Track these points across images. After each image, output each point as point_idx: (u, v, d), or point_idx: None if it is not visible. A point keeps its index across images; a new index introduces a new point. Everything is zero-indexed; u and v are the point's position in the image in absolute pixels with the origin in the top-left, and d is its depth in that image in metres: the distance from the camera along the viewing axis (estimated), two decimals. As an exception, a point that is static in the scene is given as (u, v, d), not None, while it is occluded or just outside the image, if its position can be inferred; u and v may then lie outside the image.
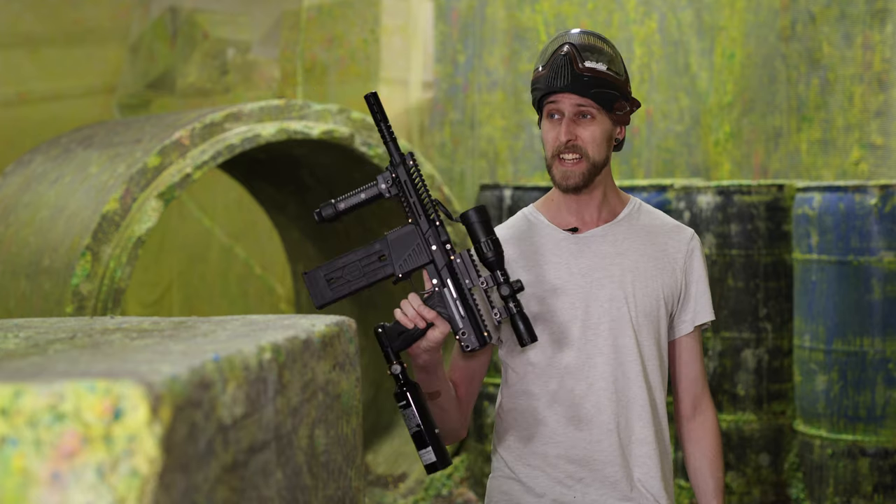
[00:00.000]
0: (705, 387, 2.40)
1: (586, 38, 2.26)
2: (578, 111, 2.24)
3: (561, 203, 2.35)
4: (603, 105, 2.24)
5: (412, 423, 2.10)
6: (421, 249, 2.12)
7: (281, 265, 7.95)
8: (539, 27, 6.76)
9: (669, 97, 6.29)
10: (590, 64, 2.22)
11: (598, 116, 2.25)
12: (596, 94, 2.23)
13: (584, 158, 2.25)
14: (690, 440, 2.39)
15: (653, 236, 2.35)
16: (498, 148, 6.95)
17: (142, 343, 1.54)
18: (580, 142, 2.24)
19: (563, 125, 2.24)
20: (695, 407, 2.39)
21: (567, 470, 2.28)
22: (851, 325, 4.58)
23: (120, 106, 8.91)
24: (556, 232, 2.33)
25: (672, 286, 2.33)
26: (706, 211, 4.95)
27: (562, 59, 2.23)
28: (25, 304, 4.93)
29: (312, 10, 8.03)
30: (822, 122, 5.63)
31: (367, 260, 2.12)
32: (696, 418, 2.39)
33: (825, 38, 5.59)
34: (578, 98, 2.23)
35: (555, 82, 2.23)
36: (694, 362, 2.39)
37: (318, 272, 2.10)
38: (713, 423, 2.38)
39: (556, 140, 2.25)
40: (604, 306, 2.29)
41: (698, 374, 2.39)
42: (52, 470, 1.14)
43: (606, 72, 2.24)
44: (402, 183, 2.10)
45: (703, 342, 2.45)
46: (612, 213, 2.35)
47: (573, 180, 2.26)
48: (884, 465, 4.53)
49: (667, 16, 6.29)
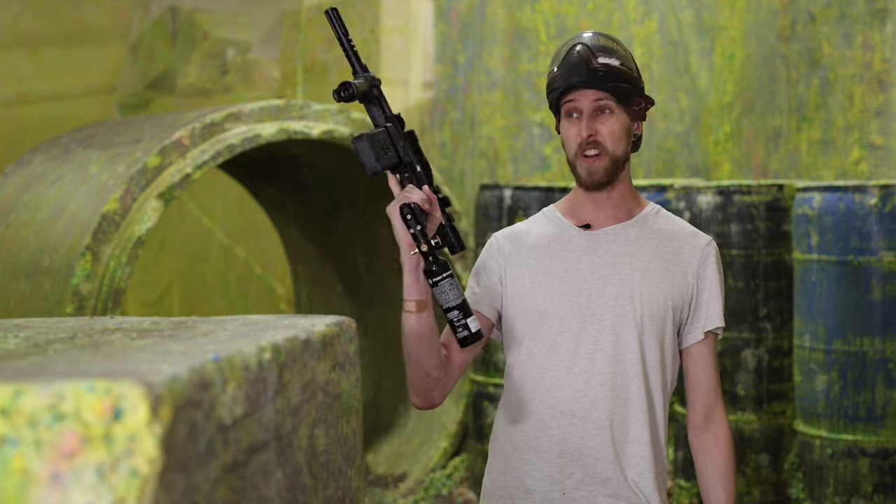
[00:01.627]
0: (719, 397, 2.38)
1: (598, 39, 2.30)
2: (597, 106, 2.27)
3: (578, 202, 2.37)
4: (620, 99, 2.27)
5: (456, 292, 2.10)
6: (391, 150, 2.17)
7: (281, 265, 7.95)
8: (539, 27, 6.76)
9: (669, 97, 6.29)
10: (603, 60, 2.26)
11: (616, 111, 2.28)
12: (613, 87, 2.26)
13: (604, 154, 2.28)
14: (702, 451, 2.37)
15: (667, 240, 2.35)
16: (498, 148, 6.95)
17: (142, 343, 1.54)
18: (600, 137, 2.27)
19: (584, 121, 2.27)
20: (707, 417, 2.37)
21: (558, 464, 2.29)
22: (851, 325, 4.58)
23: (120, 106, 8.91)
24: (570, 227, 2.36)
25: (682, 291, 2.33)
26: (706, 211, 4.95)
27: (576, 56, 2.27)
28: (25, 304, 4.93)
29: (312, 10, 8.03)
30: (822, 122, 5.63)
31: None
32: (708, 429, 2.37)
33: (825, 38, 5.59)
34: (596, 93, 2.26)
35: (571, 79, 2.26)
36: (707, 371, 2.36)
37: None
38: (726, 434, 2.36)
39: (577, 137, 2.28)
40: (608, 303, 2.29)
41: (711, 385, 2.37)
42: (52, 470, 1.14)
43: (620, 67, 2.27)
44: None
45: (716, 352, 2.43)
46: (629, 213, 2.37)
47: (597, 175, 2.28)
48: (884, 465, 4.53)
49: (667, 16, 6.29)
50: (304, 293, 7.00)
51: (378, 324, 6.37)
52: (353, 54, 2.15)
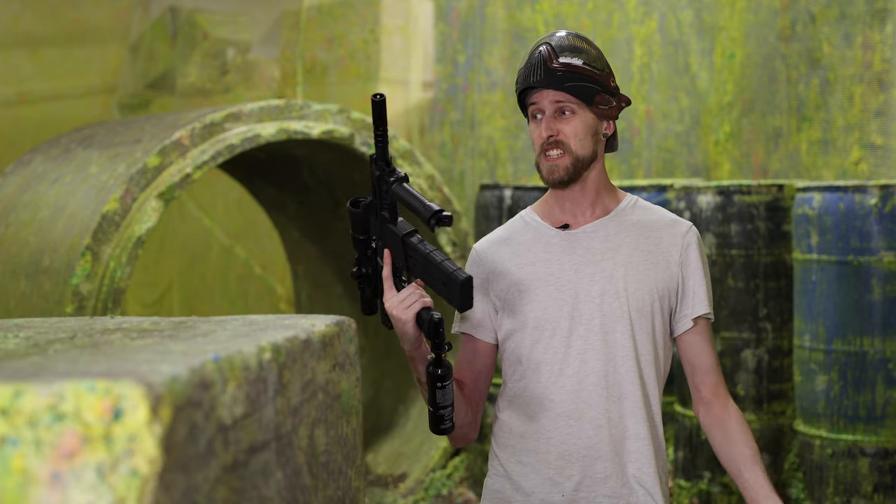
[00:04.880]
0: (720, 378, 2.37)
1: (564, 39, 2.30)
2: (558, 108, 2.28)
3: (554, 203, 2.37)
4: (582, 98, 2.27)
5: (452, 390, 2.18)
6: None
7: (281, 265, 7.95)
8: (539, 27, 6.76)
9: (669, 97, 6.29)
10: (564, 60, 2.26)
11: (578, 111, 2.28)
12: (571, 87, 2.26)
13: (567, 153, 2.28)
14: (715, 423, 2.34)
15: (646, 231, 2.35)
16: (498, 148, 6.95)
17: (142, 343, 1.54)
18: (562, 136, 2.28)
19: (544, 122, 2.28)
20: (714, 394, 2.35)
21: (557, 466, 2.29)
22: (851, 325, 4.58)
23: (120, 106, 8.91)
24: (548, 229, 2.36)
25: (667, 280, 2.33)
26: (706, 211, 4.95)
27: (537, 57, 2.28)
28: (25, 304, 4.93)
29: (312, 10, 8.03)
30: (822, 122, 5.63)
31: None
32: (716, 403, 2.35)
33: (825, 38, 5.59)
34: (555, 93, 2.26)
35: (528, 79, 2.27)
36: (704, 354, 2.36)
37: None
38: (735, 407, 2.35)
39: (539, 138, 2.29)
40: (594, 301, 2.29)
41: (711, 365, 2.36)
42: (52, 470, 1.14)
43: (582, 66, 2.26)
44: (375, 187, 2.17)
45: (712, 335, 2.43)
46: (606, 210, 2.36)
47: (557, 174, 2.28)
48: (884, 465, 4.53)
49: (667, 16, 6.29)
50: (304, 293, 7.00)
51: (378, 324, 6.35)
52: (381, 146, 2.14)
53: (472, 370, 2.36)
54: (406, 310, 2.15)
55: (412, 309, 2.14)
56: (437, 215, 2.05)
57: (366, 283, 2.24)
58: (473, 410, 2.35)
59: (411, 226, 2.18)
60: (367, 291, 2.25)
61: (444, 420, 2.18)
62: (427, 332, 2.14)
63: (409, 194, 2.11)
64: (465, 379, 2.37)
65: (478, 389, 2.37)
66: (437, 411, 2.18)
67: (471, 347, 2.38)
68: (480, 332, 2.37)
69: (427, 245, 2.14)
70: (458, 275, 2.08)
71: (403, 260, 2.16)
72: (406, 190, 2.12)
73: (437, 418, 2.19)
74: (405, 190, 2.12)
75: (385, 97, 2.12)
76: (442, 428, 2.19)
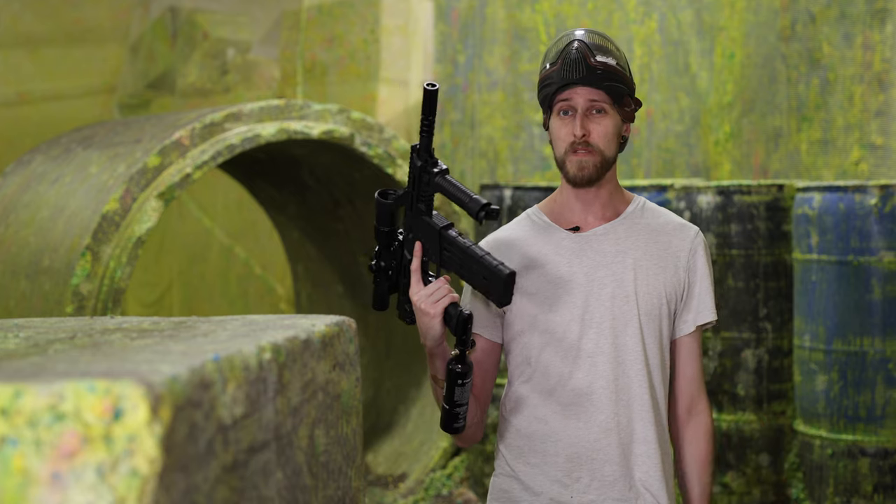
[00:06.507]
0: (702, 388, 2.39)
1: (593, 37, 2.28)
2: (591, 106, 2.26)
3: (564, 203, 2.36)
4: (614, 100, 2.26)
5: (469, 390, 2.17)
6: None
7: (281, 265, 7.95)
8: (539, 27, 6.76)
9: (669, 97, 6.29)
10: (601, 59, 2.25)
11: (609, 111, 2.27)
12: (608, 87, 2.25)
13: (595, 153, 2.27)
14: (683, 441, 2.38)
15: (656, 234, 2.34)
16: (498, 148, 6.95)
17: (142, 343, 1.54)
18: (592, 138, 2.26)
19: (578, 120, 2.25)
20: (690, 408, 2.37)
21: (565, 468, 2.29)
22: (851, 325, 4.58)
23: (120, 106, 8.91)
24: (559, 231, 2.34)
25: (675, 284, 2.33)
26: (706, 211, 4.95)
27: (574, 53, 2.24)
28: (25, 304, 4.92)
29: (312, 10, 8.03)
30: (822, 122, 5.63)
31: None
32: (690, 420, 2.37)
33: (825, 38, 5.59)
34: (592, 91, 2.25)
35: (570, 75, 2.24)
36: (692, 362, 2.37)
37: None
38: (707, 425, 2.37)
39: (569, 136, 2.26)
40: (605, 305, 2.29)
41: (695, 375, 2.37)
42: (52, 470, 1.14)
43: (616, 66, 2.26)
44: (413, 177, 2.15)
45: (702, 343, 2.44)
46: (616, 212, 2.35)
47: (588, 171, 2.27)
48: (884, 465, 4.53)
49: (667, 16, 6.29)
50: (304, 293, 6.99)
51: (378, 324, 6.37)
52: (426, 136, 2.12)
53: (480, 370, 2.35)
54: (435, 304, 2.13)
55: (441, 303, 2.13)
56: (487, 208, 2.04)
57: (382, 277, 2.21)
58: (482, 410, 2.35)
59: (447, 219, 2.16)
60: (383, 286, 2.22)
61: (458, 419, 2.18)
62: (455, 328, 2.12)
63: (455, 186, 2.09)
64: (475, 379, 2.36)
65: (486, 389, 2.37)
66: (453, 409, 2.17)
67: (479, 347, 2.37)
68: (488, 331, 2.36)
69: (467, 239, 2.12)
70: (501, 269, 2.07)
71: (438, 253, 2.13)
72: (450, 182, 2.10)
73: (452, 416, 2.18)
74: (449, 182, 2.10)
75: (438, 87, 2.10)
76: (455, 426, 2.19)
